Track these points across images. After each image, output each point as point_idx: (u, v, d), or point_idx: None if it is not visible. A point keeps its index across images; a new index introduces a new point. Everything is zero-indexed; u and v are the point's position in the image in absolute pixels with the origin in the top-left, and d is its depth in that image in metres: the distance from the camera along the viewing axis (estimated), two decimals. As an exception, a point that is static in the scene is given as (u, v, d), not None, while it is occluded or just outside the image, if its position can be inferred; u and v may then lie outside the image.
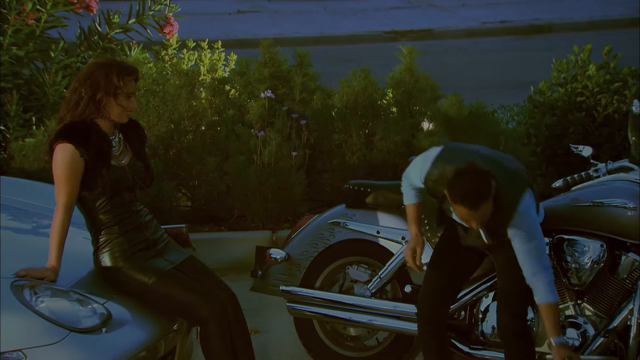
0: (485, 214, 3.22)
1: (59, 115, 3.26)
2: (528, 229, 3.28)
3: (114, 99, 3.18)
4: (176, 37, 5.70)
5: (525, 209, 3.28)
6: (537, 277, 3.27)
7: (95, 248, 3.28)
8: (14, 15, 5.16)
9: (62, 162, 3.13)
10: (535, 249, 3.28)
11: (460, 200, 3.17)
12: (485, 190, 3.19)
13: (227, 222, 5.36)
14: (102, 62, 3.25)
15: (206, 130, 5.37)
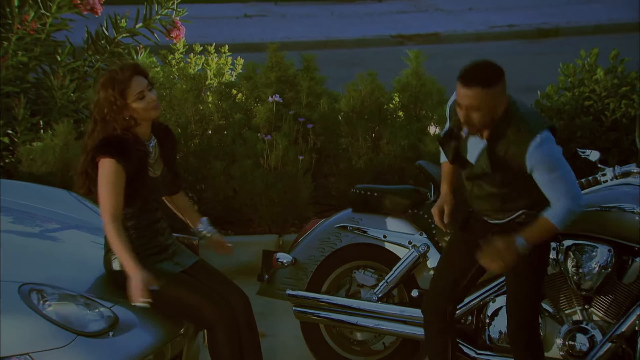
0: (492, 107, 3.05)
1: (83, 144, 3.31)
2: (549, 159, 3.09)
3: (122, 110, 3.20)
4: (183, 41, 5.71)
5: (545, 139, 3.08)
6: (560, 201, 3.10)
7: (106, 250, 3.30)
8: (16, 25, 5.18)
9: (106, 177, 3.16)
10: (560, 179, 3.09)
11: (472, 77, 3.02)
12: (498, 72, 3.07)
13: (233, 226, 5.36)
14: (101, 80, 3.25)
15: (213, 134, 5.37)
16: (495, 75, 3.09)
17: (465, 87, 3.05)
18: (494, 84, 3.06)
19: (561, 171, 3.12)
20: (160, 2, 5.69)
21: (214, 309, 3.23)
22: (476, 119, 3.08)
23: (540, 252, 3.32)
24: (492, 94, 3.06)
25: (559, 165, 3.12)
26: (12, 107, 5.17)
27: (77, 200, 4.03)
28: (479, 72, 3.07)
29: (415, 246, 3.84)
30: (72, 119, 5.26)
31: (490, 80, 3.06)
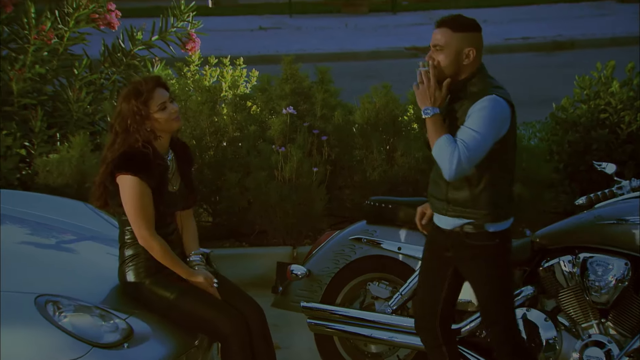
0: (457, 55, 3.11)
1: (102, 156, 3.34)
2: (483, 113, 3.06)
3: (145, 121, 3.23)
4: (198, 54, 5.74)
5: (495, 100, 3.08)
6: (459, 141, 3.05)
7: (120, 262, 3.32)
8: (33, 35, 5.23)
9: (133, 196, 3.20)
10: (476, 134, 3.04)
11: (445, 19, 3.14)
12: (471, 23, 3.16)
13: (248, 238, 5.37)
14: (124, 92, 3.31)
15: (227, 146, 5.39)
16: (467, 24, 3.17)
17: (436, 28, 3.17)
18: (462, 30, 3.15)
19: (483, 131, 3.05)
20: (176, 14, 5.73)
21: (228, 321, 3.23)
22: (441, 61, 3.15)
23: (499, 262, 3.27)
24: (458, 38, 3.13)
25: (488, 124, 3.07)
26: (29, 119, 5.22)
27: (92, 212, 4.06)
28: (452, 17, 3.19)
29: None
30: (88, 131, 5.30)
31: (460, 25, 3.15)
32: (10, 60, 5.37)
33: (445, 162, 3.07)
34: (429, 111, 3.13)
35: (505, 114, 3.13)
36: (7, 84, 5.24)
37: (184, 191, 3.41)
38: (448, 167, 3.07)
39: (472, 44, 3.17)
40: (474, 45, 3.17)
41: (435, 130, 3.13)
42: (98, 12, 5.49)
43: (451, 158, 3.05)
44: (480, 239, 3.22)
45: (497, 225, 3.22)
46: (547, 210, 5.33)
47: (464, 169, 3.08)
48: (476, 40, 3.18)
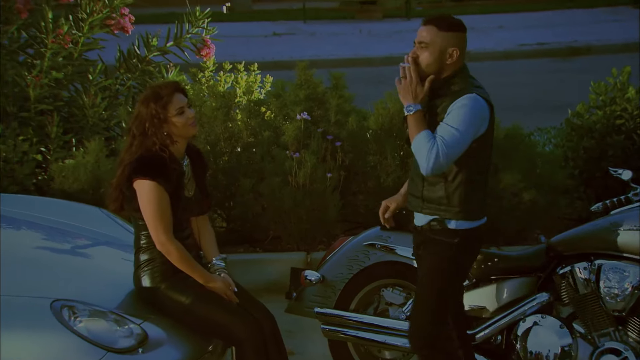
0: (440, 53, 3.16)
1: (119, 158, 3.36)
2: (462, 111, 3.11)
3: (163, 124, 3.25)
4: (213, 60, 5.76)
5: (474, 99, 3.13)
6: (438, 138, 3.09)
7: (136, 267, 3.33)
8: (51, 39, 5.27)
9: (151, 201, 3.21)
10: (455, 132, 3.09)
11: (432, 18, 3.20)
12: (457, 23, 3.21)
13: (262, 243, 5.38)
14: (143, 96, 3.34)
15: (242, 151, 5.40)
16: (453, 24, 3.22)
17: (422, 25, 3.22)
18: (447, 29, 3.19)
19: (462, 128, 3.10)
20: (191, 20, 5.76)
21: (242, 326, 3.24)
22: (424, 59, 3.20)
23: (450, 261, 3.28)
24: (443, 37, 3.18)
25: (463, 122, 3.11)
26: (45, 125, 5.25)
27: (108, 217, 4.08)
28: (439, 16, 3.23)
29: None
30: (103, 136, 5.32)
31: (446, 24, 3.20)
32: (28, 66, 5.41)
33: (423, 157, 3.12)
34: (411, 108, 3.19)
35: (485, 112, 3.18)
36: (24, 90, 5.28)
37: (199, 197, 3.43)
38: (426, 162, 3.11)
39: (456, 43, 3.21)
40: (458, 45, 3.22)
41: (416, 126, 3.17)
42: (112, 17, 5.52)
43: (429, 154, 3.10)
44: (440, 235, 3.26)
45: (462, 222, 3.23)
46: (562, 216, 5.31)
47: (442, 165, 3.11)
48: (460, 41, 3.23)
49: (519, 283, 3.76)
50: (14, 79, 5.32)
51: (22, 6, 5.27)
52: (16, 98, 5.35)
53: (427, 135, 3.14)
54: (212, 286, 3.29)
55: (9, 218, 3.82)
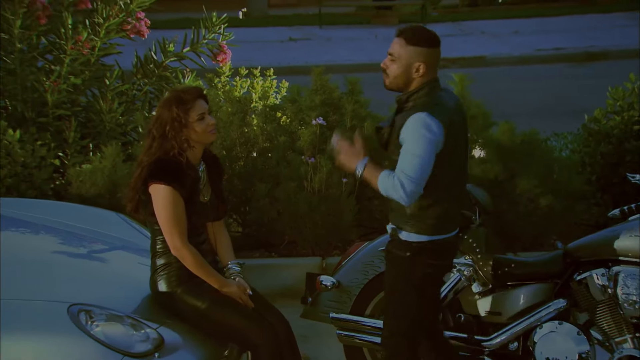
0: (407, 66, 3.17)
1: (137, 160, 3.37)
2: (414, 134, 3.13)
3: (183, 128, 3.26)
4: (229, 65, 5.78)
5: (424, 119, 3.12)
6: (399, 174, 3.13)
7: (152, 271, 3.35)
8: (70, 46, 5.31)
9: (166, 206, 3.23)
10: (412, 157, 3.12)
11: (404, 29, 3.21)
12: (428, 37, 3.20)
13: (277, 248, 5.38)
14: (165, 98, 3.35)
15: (257, 156, 5.41)
16: (421, 38, 3.20)
17: (395, 37, 3.23)
18: (414, 44, 3.19)
19: (420, 153, 3.12)
20: (208, 26, 5.78)
21: (258, 331, 3.24)
22: (391, 70, 3.23)
23: (403, 276, 3.30)
24: (409, 51, 3.19)
25: (420, 146, 3.12)
26: (63, 130, 5.29)
27: (124, 222, 4.10)
28: (411, 28, 3.23)
29: (460, 270, 3.80)
30: (120, 141, 5.35)
31: (414, 38, 3.19)
32: (46, 71, 5.46)
33: (395, 195, 3.15)
34: (359, 168, 3.23)
35: (433, 131, 3.14)
36: (42, 95, 5.32)
37: (215, 202, 3.43)
38: (399, 198, 3.14)
39: (422, 58, 3.20)
40: (424, 60, 3.20)
41: (373, 175, 3.22)
42: (128, 21, 5.55)
43: (397, 190, 3.13)
44: (394, 247, 3.29)
45: (413, 235, 3.24)
46: (579, 222, 5.27)
47: (414, 192, 3.14)
48: (428, 56, 3.21)
49: (535, 289, 3.75)
50: (33, 85, 5.37)
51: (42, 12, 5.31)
52: (34, 103, 5.40)
53: (387, 176, 3.17)
54: (227, 291, 3.30)
55: (28, 222, 3.86)
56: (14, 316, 2.96)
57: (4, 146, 5.05)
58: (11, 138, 5.06)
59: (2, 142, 5.06)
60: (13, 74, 5.43)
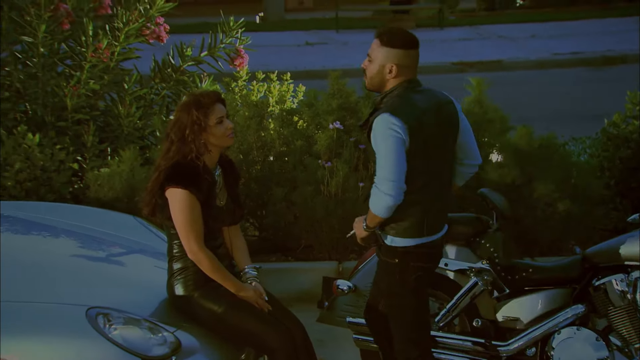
0: (381, 67, 3.22)
1: (155, 163, 3.38)
2: (377, 135, 3.19)
3: (202, 132, 3.27)
4: (246, 69, 5.80)
5: (384, 120, 3.17)
6: (374, 185, 3.23)
7: (169, 275, 3.35)
8: (90, 53, 5.35)
9: (182, 210, 3.23)
10: (382, 160, 3.18)
11: (381, 31, 3.27)
12: (404, 39, 3.25)
13: (294, 252, 5.38)
14: (183, 102, 3.36)
15: (274, 160, 5.42)
16: (395, 40, 3.25)
17: (374, 38, 3.30)
18: (387, 45, 3.24)
19: (387, 152, 3.17)
20: (225, 30, 5.80)
21: (275, 335, 3.24)
22: (369, 70, 3.29)
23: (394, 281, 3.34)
24: (382, 52, 3.25)
25: (386, 146, 3.17)
26: (82, 134, 5.33)
27: (142, 225, 4.12)
28: (388, 30, 3.30)
29: (477, 275, 3.79)
30: (137, 145, 5.38)
31: (388, 40, 3.25)
32: (66, 76, 5.50)
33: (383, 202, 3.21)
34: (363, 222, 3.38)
35: (397, 132, 3.17)
36: (62, 99, 5.36)
37: (231, 206, 3.44)
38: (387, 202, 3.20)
39: (394, 60, 3.24)
40: (397, 62, 3.24)
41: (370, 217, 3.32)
42: (147, 26, 5.58)
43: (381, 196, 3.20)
44: (383, 254, 3.34)
45: (398, 239, 3.28)
46: (597, 227, 5.24)
47: (396, 188, 3.18)
48: (401, 57, 3.25)
49: (553, 294, 3.73)
50: (53, 89, 5.41)
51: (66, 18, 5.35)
52: (54, 108, 5.44)
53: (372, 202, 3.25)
54: (243, 295, 3.30)
55: (47, 226, 3.88)
56: (32, 319, 2.98)
57: (24, 150, 5.09)
58: (31, 142, 5.10)
59: (21, 146, 5.10)
60: (34, 78, 5.48)
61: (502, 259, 3.79)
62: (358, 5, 17.06)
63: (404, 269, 3.32)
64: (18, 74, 5.47)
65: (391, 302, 3.41)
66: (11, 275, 3.21)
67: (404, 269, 3.32)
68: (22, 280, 3.19)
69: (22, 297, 3.07)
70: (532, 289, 3.76)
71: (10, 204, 4.35)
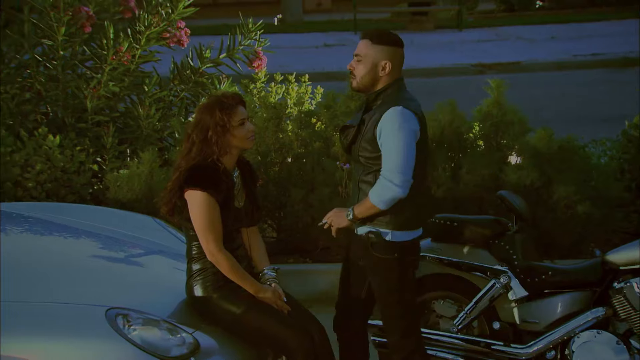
0: (373, 66, 3.30)
1: (175, 164, 3.39)
2: (394, 126, 3.24)
3: (225, 133, 3.28)
4: (264, 71, 5.81)
5: (401, 112, 3.25)
6: (383, 175, 3.27)
7: (188, 276, 3.37)
8: (111, 56, 5.38)
9: (202, 211, 3.24)
10: (395, 151, 3.23)
11: (368, 31, 3.35)
12: (391, 38, 3.33)
13: (311, 254, 5.39)
14: (205, 104, 3.37)
15: (292, 162, 5.43)
16: (386, 38, 3.34)
17: (360, 40, 3.37)
18: (380, 43, 3.33)
19: (401, 144, 3.24)
20: (244, 32, 5.82)
21: (293, 336, 3.24)
22: (358, 71, 3.36)
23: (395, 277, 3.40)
24: (375, 50, 3.32)
25: (400, 138, 3.24)
26: (101, 135, 5.36)
27: (160, 227, 4.14)
28: (376, 30, 3.38)
29: (496, 277, 3.77)
30: (156, 147, 5.41)
31: (379, 38, 3.33)
32: (86, 78, 5.54)
33: (390, 193, 3.26)
34: (349, 212, 3.38)
35: (413, 125, 3.28)
36: (82, 101, 5.40)
37: (249, 207, 3.44)
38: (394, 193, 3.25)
39: (388, 57, 3.33)
40: (390, 58, 3.33)
41: (362, 204, 3.34)
42: (168, 30, 5.61)
43: (389, 187, 3.25)
44: (380, 251, 3.35)
45: (398, 234, 3.33)
46: (617, 229, 5.20)
47: (405, 181, 3.25)
48: (393, 55, 3.33)
49: (573, 297, 3.70)
50: (73, 91, 5.45)
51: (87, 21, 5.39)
52: (74, 109, 5.48)
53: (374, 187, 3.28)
54: (262, 296, 3.31)
55: (67, 227, 3.91)
56: (52, 319, 3.00)
57: (45, 151, 5.14)
58: (51, 143, 5.15)
59: (42, 148, 5.15)
60: (55, 80, 5.52)
61: (521, 262, 3.77)
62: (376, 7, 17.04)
63: (404, 263, 3.40)
64: (39, 76, 5.52)
65: (392, 299, 3.44)
66: (31, 276, 3.23)
67: (404, 263, 3.40)
68: (42, 281, 3.22)
69: (42, 297, 3.09)
70: (551, 292, 3.74)
71: (31, 205, 4.38)
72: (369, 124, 3.32)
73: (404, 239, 3.37)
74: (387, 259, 3.37)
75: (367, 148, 3.32)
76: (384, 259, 3.37)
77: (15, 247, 3.53)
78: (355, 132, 3.36)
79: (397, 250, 3.36)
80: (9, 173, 5.07)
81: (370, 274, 3.46)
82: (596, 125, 8.03)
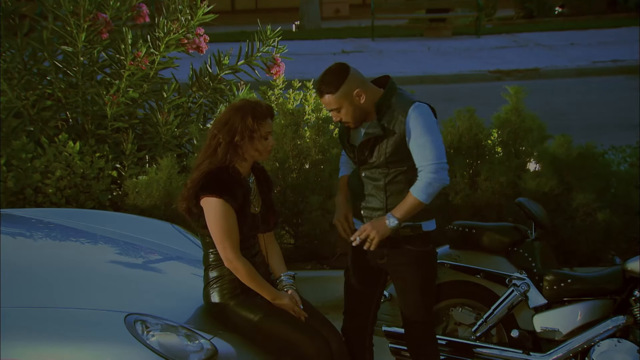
0: (352, 101, 3.35)
1: (196, 161, 3.38)
2: (423, 122, 3.33)
3: (250, 141, 3.28)
4: (282, 78, 5.83)
5: (421, 107, 3.36)
6: (423, 171, 3.33)
7: (205, 283, 3.37)
8: (129, 61, 5.42)
9: (218, 218, 3.24)
10: (428, 144, 3.32)
11: (321, 87, 3.36)
12: (340, 74, 3.35)
13: (329, 261, 5.38)
14: (238, 105, 3.35)
15: (310, 168, 5.43)
16: (337, 78, 3.37)
17: (321, 98, 3.42)
18: (339, 86, 3.37)
19: (431, 137, 3.33)
20: (262, 39, 5.84)
21: (311, 343, 3.24)
22: (345, 115, 3.41)
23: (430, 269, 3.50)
24: (343, 94, 3.37)
25: (430, 131, 3.34)
26: (120, 142, 5.39)
27: (179, 233, 4.15)
28: (324, 82, 3.39)
29: (515, 285, 3.75)
30: (175, 153, 5.43)
31: (334, 84, 3.37)
32: (105, 85, 5.58)
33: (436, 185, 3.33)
34: (391, 219, 3.35)
35: (433, 116, 3.41)
36: (102, 108, 5.44)
37: (265, 213, 3.44)
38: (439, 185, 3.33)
39: (353, 87, 3.37)
40: (355, 86, 3.37)
41: (405, 204, 3.34)
42: (187, 37, 5.64)
43: (433, 180, 3.32)
44: (416, 244, 3.40)
45: (429, 223, 3.43)
46: (637, 237, 5.15)
47: (444, 169, 3.34)
48: (352, 81, 3.37)
49: (593, 305, 3.67)
50: (93, 98, 5.49)
51: (104, 28, 5.43)
52: (94, 116, 5.52)
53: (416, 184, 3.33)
54: (279, 303, 3.30)
55: (87, 233, 3.93)
56: (72, 325, 3.01)
57: (64, 158, 5.17)
58: (71, 150, 5.18)
59: (62, 154, 5.19)
60: (75, 87, 5.56)
61: (540, 269, 3.75)
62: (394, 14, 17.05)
63: (433, 253, 3.54)
64: (59, 83, 5.57)
65: (425, 291, 3.50)
66: (51, 282, 3.25)
67: (433, 253, 3.54)
68: (61, 287, 3.23)
69: (61, 303, 3.11)
70: (571, 300, 3.71)
71: (51, 211, 4.41)
72: (393, 127, 3.36)
73: (433, 227, 3.47)
74: (424, 252, 3.44)
75: (396, 150, 3.36)
76: (419, 253, 3.43)
77: (35, 253, 3.55)
78: (381, 138, 3.37)
79: (431, 240, 3.47)
80: (30, 179, 5.11)
81: (402, 268, 3.46)
82: (616, 132, 7.98)
